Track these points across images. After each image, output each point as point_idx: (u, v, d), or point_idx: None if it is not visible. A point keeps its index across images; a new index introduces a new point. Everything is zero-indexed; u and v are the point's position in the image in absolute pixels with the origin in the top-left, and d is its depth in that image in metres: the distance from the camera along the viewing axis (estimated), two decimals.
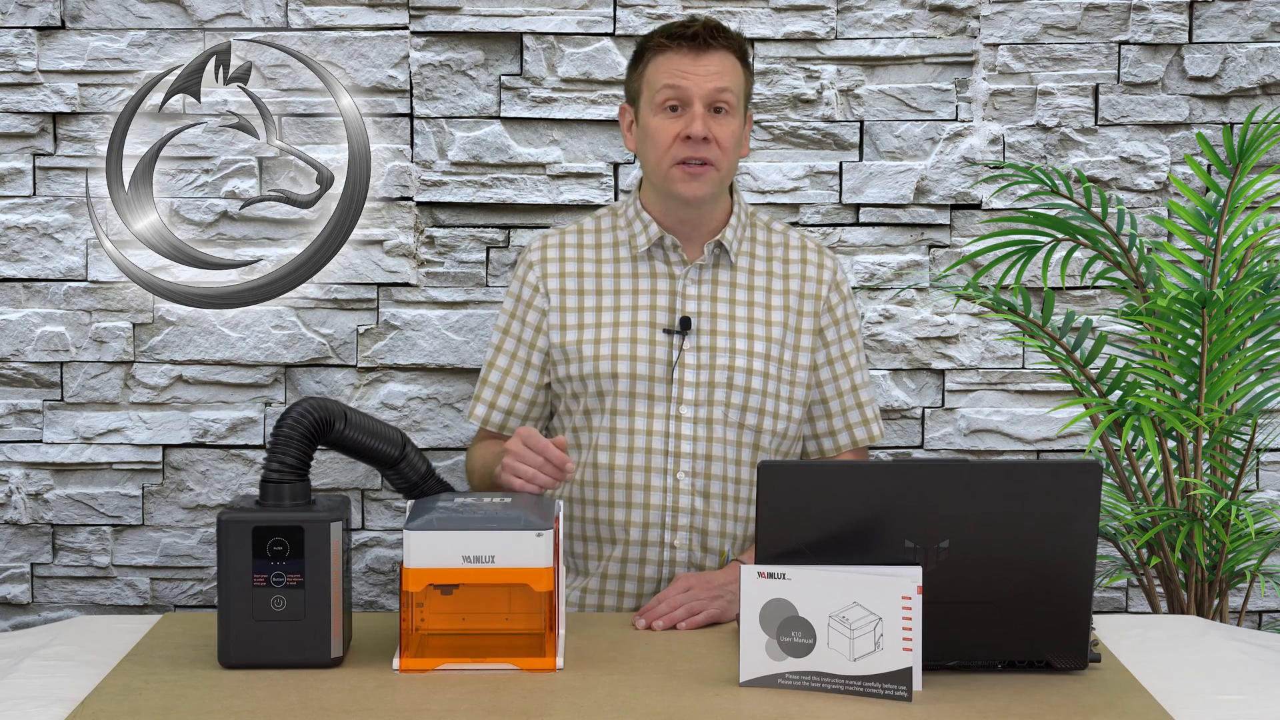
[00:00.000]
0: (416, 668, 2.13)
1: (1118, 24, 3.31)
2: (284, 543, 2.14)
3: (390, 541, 3.39)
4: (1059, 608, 2.09)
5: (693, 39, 2.63)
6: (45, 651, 2.26)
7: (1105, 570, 3.20)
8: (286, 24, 3.28)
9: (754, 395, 2.68)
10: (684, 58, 2.63)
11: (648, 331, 2.68)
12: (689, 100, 2.62)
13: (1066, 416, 3.33)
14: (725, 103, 2.63)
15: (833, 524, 2.07)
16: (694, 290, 2.70)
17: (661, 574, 2.68)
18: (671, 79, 2.63)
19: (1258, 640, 2.38)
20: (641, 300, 2.71)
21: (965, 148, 3.32)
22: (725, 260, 2.73)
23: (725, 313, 2.70)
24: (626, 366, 2.67)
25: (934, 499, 2.06)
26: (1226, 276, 2.93)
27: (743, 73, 2.68)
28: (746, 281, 2.73)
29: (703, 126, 2.60)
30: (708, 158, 2.62)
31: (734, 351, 2.68)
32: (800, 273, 2.75)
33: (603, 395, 2.68)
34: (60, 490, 3.35)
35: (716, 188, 2.66)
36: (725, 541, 2.68)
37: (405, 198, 3.32)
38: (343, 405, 2.29)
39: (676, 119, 2.63)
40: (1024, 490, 2.07)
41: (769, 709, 1.98)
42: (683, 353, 2.67)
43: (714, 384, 2.67)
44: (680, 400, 2.67)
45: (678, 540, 2.66)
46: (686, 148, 2.61)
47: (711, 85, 2.62)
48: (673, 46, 2.64)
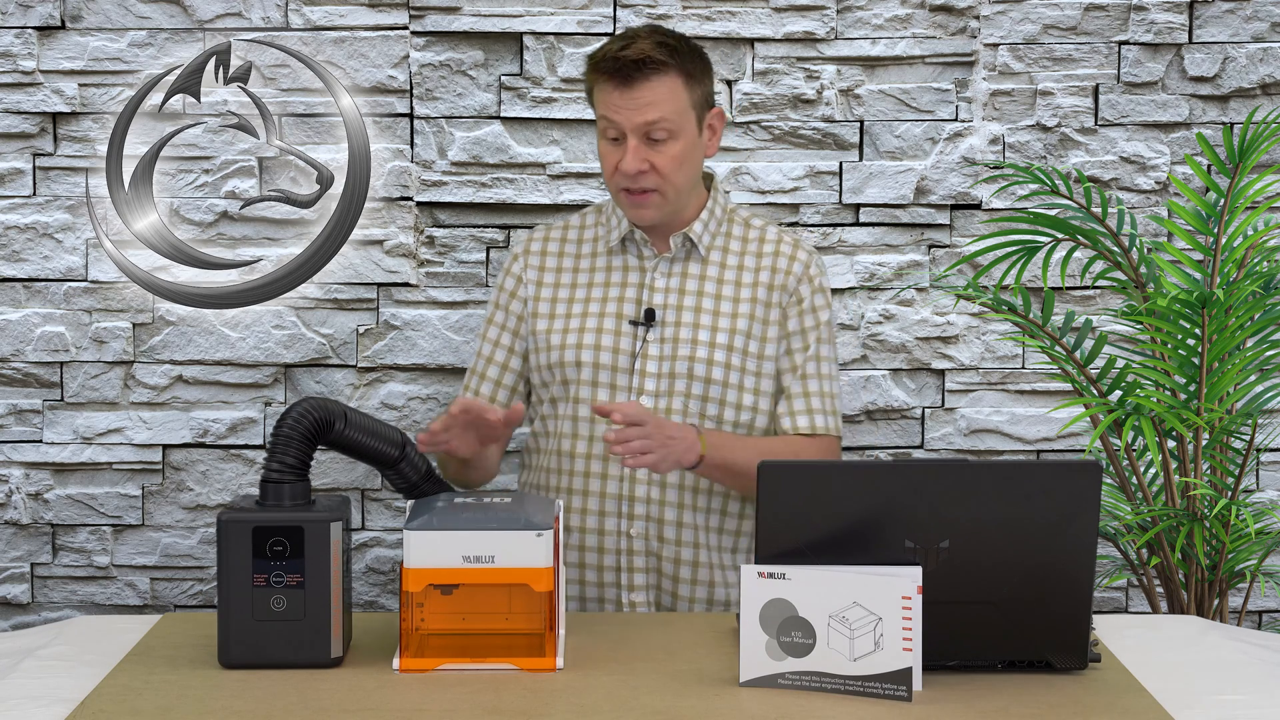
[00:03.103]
0: (416, 668, 2.13)
1: (1118, 24, 3.31)
2: (284, 543, 2.14)
3: (390, 541, 3.39)
4: (1059, 608, 2.09)
5: (619, 73, 2.58)
6: (45, 651, 2.26)
7: (1105, 570, 3.20)
8: (286, 24, 3.28)
9: (714, 386, 2.68)
10: (614, 91, 2.59)
11: (614, 322, 2.70)
12: (622, 133, 2.61)
13: (1066, 416, 3.33)
14: (663, 130, 2.60)
15: (833, 524, 2.07)
16: (662, 282, 2.71)
17: (620, 563, 2.68)
18: (605, 110, 2.62)
19: (1258, 640, 2.38)
20: (611, 292, 2.73)
21: (965, 148, 3.32)
22: (695, 253, 2.73)
23: (691, 304, 2.70)
24: (590, 356, 2.69)
25: (934, 499, 2.06)
26: (1226, 276, 2.93)
27: (683, 90, 2.62)
28: (716, 274, 2.73)
29: (634, 161, 2.59)
30: (646, 187, 2.62)
31: (695, 343, 2.68)
32: (772, 265, 2.74)
33: (567, 384, 2.71)
34: (60, 490, 3.35)
35: (666, 207, 2.66)
36: (684, 531, 2.69)
37: (405, 198, 3.32)
38: (343, 405, 2.29)
39: (617, 148, 2.62)
40: (1024, 490, 2.07)
41: (769, 709, 1.98)
42: (646, 343, 2.69)
43: (674, 374, 2.67)
44: (641, 390, 2.67)
45: (634, 530, 2.67)
46: (625, 180, 2.62)
47: (641, 119, 2.59)
48: (603, 78, 2.61)
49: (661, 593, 2.70)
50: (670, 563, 2.69)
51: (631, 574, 2.69)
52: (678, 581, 2.70)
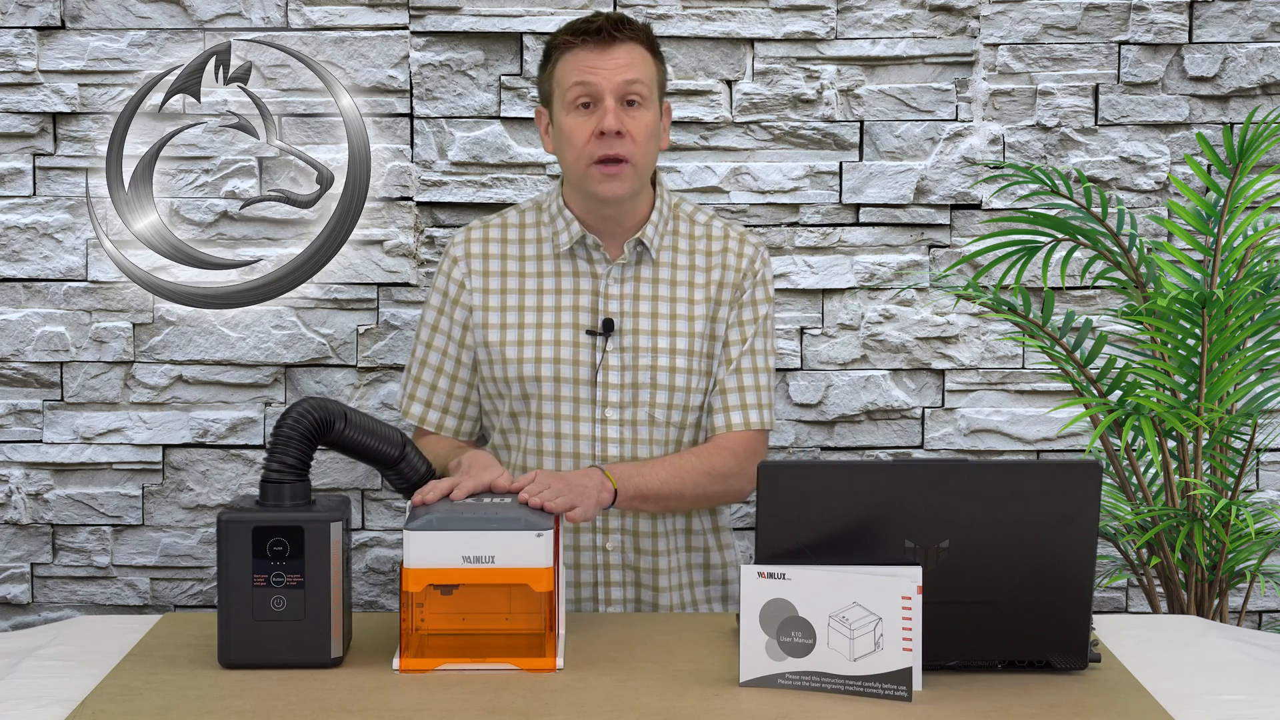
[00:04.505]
0: (416, 668, 2.13)
1: (1118, 24, 3.31)
2: (284, 543, 2.14)
3: (390, 541, 3.39)
4: (1059, 608, 2.09)
5: (597, 33, 2.57)
6: (45, 651, 2.26)
7: (1105, 570, 3.20)
8: (286, 24, 3.28)
9: (678, 393, 2.65)
10: (591, 53, 2.57)
11: (571, 334, 2.65)
12: (599, 95, 2.56)
13: (1066, 416, 3.33)
14: (637, 94, 2.57)
15: (833, 524, 2.07)
16: (616, 290, 2.66)
17: (597, 578, 2.66)
18: (580, 75, 2.57)
19: (1258, 640, 2.38)
20: (564, 301, 2.67)
21: (965, 148, 3.32)
22: (646, 256, 2.68)
23: (648, 311, 2.66)
24: (550, 370, 2.64)
25: (934, 499, 2.06)
26: (1226, 276, 2.93)
27: (654, 63, 2.62)
28: (669, 277, 2.68)
29: (615, 120, 2.55)
30: (622, 153, 2.57)
31: (656, 351, 2.64)
32: (721, 262, 2.70)
33: (528, 399, 2.66)
34: (60, 490, 3.35)
35: (636, 184, 2.61)
36: (659, 541, 2.67)
37: (405, 198, 3.32)
38: (343, 405, 2.29)
39: (589, 115, 2.57)
40: (1024, 490, 2.07)
41: (769, 709, 1.98)
42: (606, 355, 2.65)
43: (638, 385, 2.64)
44: (605, 403, 2.64)
45: (610, 543, 2.65)
46: (602, 144, 2.56)
47: (621, 78, 2.56)
48: (579, 43, 2.58)
49: (641, 604, 2.68)
50: (649, 574, 2.67)
51: (609, 588, 2.67)
52: (657, 591, 2.67)
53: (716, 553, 2.74)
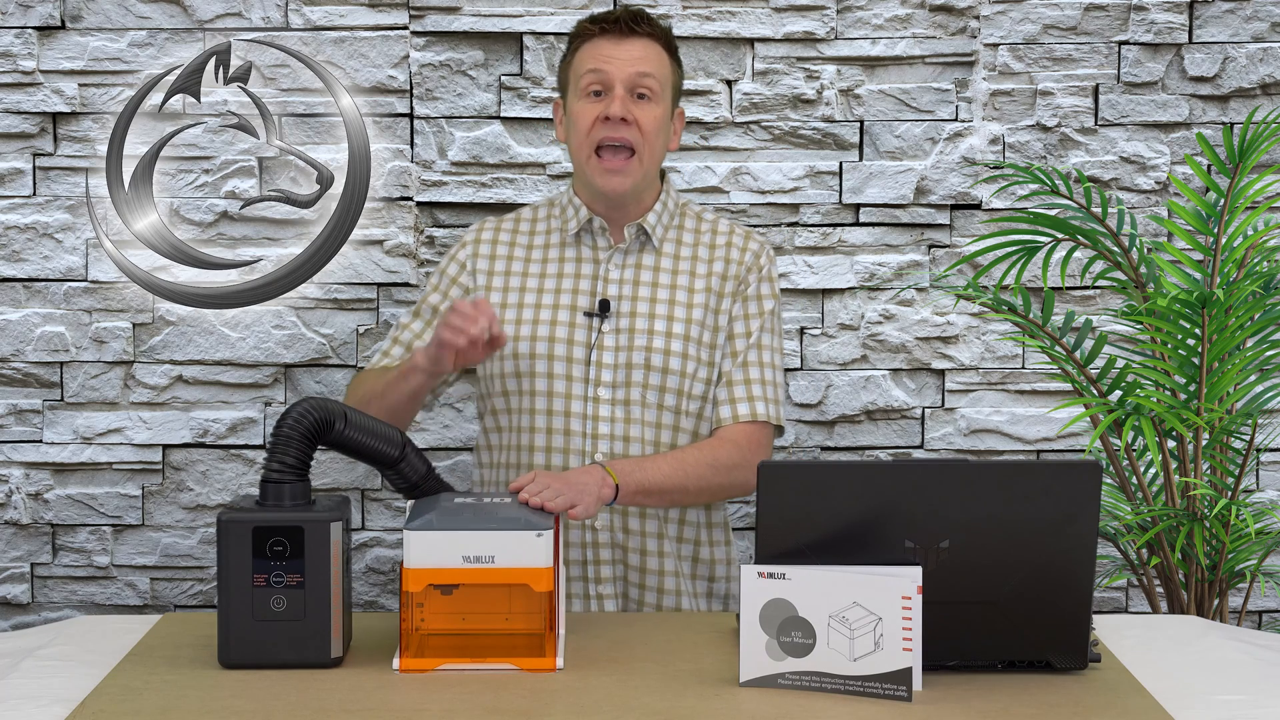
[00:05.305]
0: (416, 668, 2.13)
1: (1118, 24, 3.31)
2: (284, 543, 2.14)
3: (390, 541, 3.39)
4: (1059, 608, 2.09)
5: (616, 24, 2.63)
6: (45, 651, 2.26)
7: (1105, 570, 3.20)
8: (286, 24, 3.28)
9: (672, 376, 2.67)
10: (607, 43, 2.63)
11: (568, 314, 2.68)
12: (610, 84, 2.61)
13: (1066, 416, 3.33)
14: (647, 88, 2.62)
15: (833, 524, 2.07)
16: (616, 274, 2.70)
17: (586, 556, 2.67)
18: (594, 63, 2.63)
19: (1258, 640, 2.38)
20: (565, 284, 2.71)
21: (965, 148, 3.32)
22: (649, 245, 2.72)
23: (646, 295, 2.69)
24: (545, 348, 2.67)
25: (934, 499, 2.06)
26: (1226, 276, 2.93)
27: (669, 63, 2.67)
28: (670, 265, 2.72)
29: (621, 107, 2.60)
30: (627, 139, 2.61)
31: (652, 333, 2.67)
32: (725, 255, 2.73)
33: (521, 376, 2.68)
34: (60, 490, 3.35)
35: (639, 180, 2.65)
36: (648, 522, 2.68)
37: (405, 198, 3.32)
38: (343, 405, 2.29)
39: (598, 103, 2.62)
40: (1024, 490, 2.06)
41: (769, 709, 1.98)
42: (601, 335, 2.67)
43: (631, 365, 2.66)
44: (598, 382, 2.66)
45: (598, 522, 2.66)
46: (606, 128, 2.61)
47: (633, 70, 2.61)
48: (598, 32, 2.64)
49: (629, 585, 2.69)
50: (636, 554, 2.68)
51: (598, 566, 2.67)
52: (645, 573, 2.68)
53: (707, 548, 2.75)
